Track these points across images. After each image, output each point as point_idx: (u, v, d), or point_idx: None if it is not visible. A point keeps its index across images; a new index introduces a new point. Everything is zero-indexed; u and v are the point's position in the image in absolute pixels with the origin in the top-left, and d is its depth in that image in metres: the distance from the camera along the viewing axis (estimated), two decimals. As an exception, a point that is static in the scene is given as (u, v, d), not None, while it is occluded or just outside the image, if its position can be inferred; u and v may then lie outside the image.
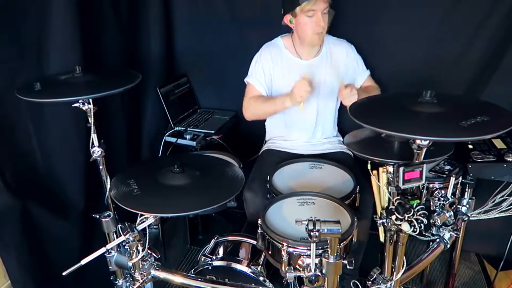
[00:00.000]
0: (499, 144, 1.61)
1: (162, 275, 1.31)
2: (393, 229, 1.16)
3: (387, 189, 1.15)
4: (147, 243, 1.24)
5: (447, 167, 1.58)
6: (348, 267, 1.11)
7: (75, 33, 1.52)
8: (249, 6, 2.10)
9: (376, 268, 1.30)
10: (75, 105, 1.23)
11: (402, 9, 1.89)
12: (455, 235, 1.41)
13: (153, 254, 1.32)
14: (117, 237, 1.21)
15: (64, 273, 1.15)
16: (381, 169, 1.17)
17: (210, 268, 1.46)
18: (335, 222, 1.01)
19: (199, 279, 1.36)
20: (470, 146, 1.61)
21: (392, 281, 1.27)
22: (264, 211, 1.33)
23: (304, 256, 1.14)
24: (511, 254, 1.77)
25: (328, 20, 1.69)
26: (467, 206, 1.57)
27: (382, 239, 1.24)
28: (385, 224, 1.17)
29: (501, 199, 1.49)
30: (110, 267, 1.28)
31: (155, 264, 1.31)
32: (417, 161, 1.07)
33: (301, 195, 1.43)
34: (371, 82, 1.90)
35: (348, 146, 1.41)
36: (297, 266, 1.15)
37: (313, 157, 1.80)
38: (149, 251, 1.29)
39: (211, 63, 2.32)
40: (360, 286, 1.37)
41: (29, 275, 1.44)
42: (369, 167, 1.19)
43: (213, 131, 2.13)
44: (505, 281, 1.93)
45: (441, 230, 1.34)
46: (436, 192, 1.27)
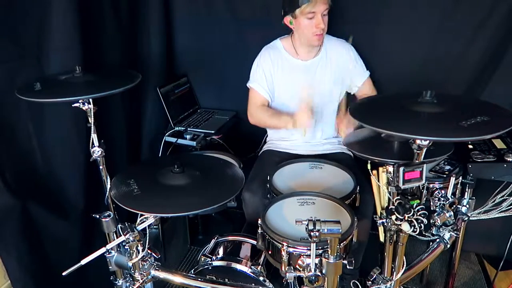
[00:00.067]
0: (499, 144, 1.61)
1: (162, 275, 1.31)
2: (393, 229, 1.16)
3: (387, 189, 1.15)
4: (147, 243, 1.24)
5: (447, 167, 1.58)
6: (348, 267, 1.11)
7: (75, 33, 1.52)
8: (249, 6, 2.10)
9: (376, 268, 1.30)
10: (75, 105, 1.23)
11: (402, 9, 1.89)
12: (455, 235, 1.41)
13: (153, 254, 1.32)
14: (117, 237, 1.21)
15: (64, 273, 1.14)
16: (381, 169, 1.17)
17: (210, 268, 1.46)
18: (335, 222, 1.01)
19: (199, 279, 1.36)
20: (470, 146, 1.61)
21: (392, 281, 1.27)
22: (264, 211, 1.33)
23: (304, 256, 1.14)
24: (511, 254, 1.77)
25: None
26: (467, 206, 1.57)
27: (382, 239, 1.24)
28: (385, 224, 1.17)
29: (501, 199, 1.49)
30: (110, 267, 1.27)
31: (155, 264, 1.31)
32: (417, 161, 1.07)
33: (301, 195, 1.43)
34: (370, 87, 1.89)
35: (348, 146, 1.41)
36: (297, 266, 1.15)
37: (313, 157, 1.80)
38: (149, 251, 1.28)
39: (211, 63, 2.32)
40: (360, 286, 1.37)
41: (29, 275, 1.44)
42: (369, 167, 1.19)
43: (213, 131, 2.13)
44: (505, 281, 1.93)
45: (441, 230, 1.34)
46: (436, 192, 1.27)
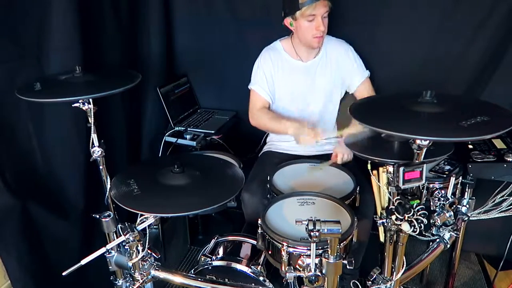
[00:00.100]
0: (499, 144, 1.61)
1: (162, 275, 1.31)
2: (393, 229, 1.16)
3: (387, 189, 1.15)
4: (147, 243, 1.24)
5: (447, 167, 1.58)
6: (348, 267, 1.11)
7: (75, 33, 1.52)
8: (249, 6, 2.10)
9: (376, 268, 1.30)
10: (75, 105, 1.23)
11: (402, 9, 1.88)
12: (455, 235, 1.41)
13: (153, 254, 1.31)
14: (117, 237, 1.21)
15: (64, 273, 1.14)
16: (381, 169, 1.17)
17: (210, 268, 1.46)
18: (335, 222, 1.01)
19: (199, 279, 1.36)
20: (470, 146, 1.61)
21: (392, 281, 1.27)
22: (264, 211, 1.33)
23: (304, 256, 1.14)
24: (511, 254, 1.77)
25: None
26: (467, 206, 1.57)
27: (382, 239, 1.24)
28: (385, 224, 1.17)
29: (501, 199, 1.49)
30: (110, 267, 1.27)
31: (155, 264, 1.31)
32: (417, 161, 1.06)
33: (301, 195, 1.43)
34: (368, 87, 1.88)
35: (348, 146, 1.40)
36: (297, 266, 1.15)
37: (313, 158, 1.80)
38: (149, 251, 1.28)
39: (211, 63, 2.32)
40: (360, 286, 1.37)
41: (29, 275, 1.44)
42: (369, 167, 1.19)
43: (213, 131, 2.13)
44: (505, 281, 1.93)
45: (441, 230, 1.34)
46: (436, 192, 1.27)
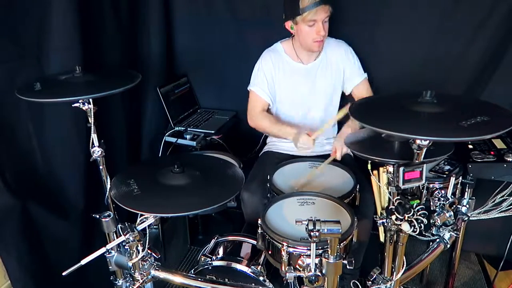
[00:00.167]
0: (499, 144, 1.61)
1: (162, 275, 1.31)
2: (393, 229, 1.16)
3: (387, 189, 1.15)
4: (147, 243, 1.24)
5: (447, 167, 1.58)
6: (348, 267, 1.11)
7: (75, 33, 1.52)
8: (249, 6, 2.10)
9: (376, 268, 1.30)
10: (75, 105, 1.23)
11: (402, 9, 1.88)
12: (455, 235, 1.41)
13: (153, 254, 1.31)
14: (117, 237, 1.21)
15: (64, 273, 1.14)
16: (381, 169, 1.17)
17: (210, 268, 1.46)
18: (335, 222, 1.01)
19: (199, 279, 1.36)
20: (470, 146, 1.61)
21: (392, 281, 1.27)
22: (264, 211, 1.33)
23: (304, 256, 1.14)
24: (511, 254, 1.77)
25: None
26: (467, 206, 1.57)
27: (382, 239, 1.24)
28: (385, 224, 1.17)
29: (501, 199, 1.49)
30: (110, 267, 1.27)
31: (155, 264, 1.31)
32: (417, 161, 1.06)
33: (301, 195, 1.43)
34: (367, 89, 1.89)
35: (348, 146, 1.41)
36: (297, 266, 1.15)
37: (313, 157, 1.80)
38: (149, 251, 1.28)
39: (211, 63, 2.32)
40: (360, 286, 1.37)
41: (29, 275, 1.44)
42: (369, 167, 1.19)
43: (213, 131, 2.13)
44: (505, 281, 1.93)
45: (441, 230, 1.34)
46: (436, 192, 1.27)
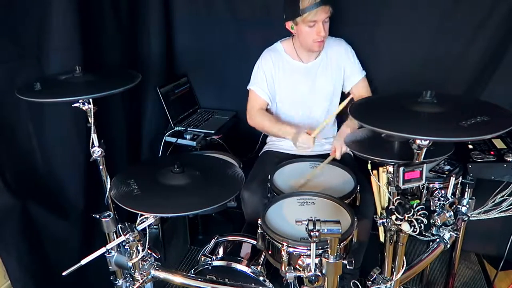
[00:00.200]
0: (499, 144, 1.61)
1: (162, 275, 1.31)
2: (393, 229, 1.16)
3: (387, 189, 1.15)
4: (147, 243, 1.24)
5: (447, 167, 1.58)
6: (348, 267, 1.11)
7: (75, 33, 1.52)
8: (249, 6, 2.10)
9: (376, 268, 1.30)
10: (75, 105, 1.23)
11: (402, 10, 1.89)
12: (455, 235, 1.41)
13: (153, 254, 1.31)
14: (117, 237, 1.21)
15: (64, 273, 1.14)
16: (381, 169, 1.17)
17: (210, 268, 1.46)
18: (335, 222, 1.01)
19: (199, 279, 1.36)
20: (470, 146, 1.61)
21: (392, 281, 1.27)
22: (264, 211, 1.33)
23: (304, 256, 1.14)
24: (511, 254, 1.77)
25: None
26: (467, 206, 1.57)
27: (382, 239, 1.24)
28: (385, 224, 1.17)
29: (501, 199, 1.49)
30: (110, 267, 1.27)
31: (155, 264, 1.31)
32: (417, 161, 1.07)
33: (301, 195, 1.43)
34: (365, 87, 1.89)
35: (348, 146, 1.41)
36: (297, 266, 1.15)
37: (313, 157, 1.80)
38: (149, 251, 1.28)
39: (211, 63, 2.32)
40: (360, 286, 1.37)
41: (29, 275, 1.44)
42: (369, 167, 1.19)
43: (213, 131, 2.13)
44: (505, 281, 1.93)
45: (441, 230, 1.34)
46: (436, 192, 1.27)
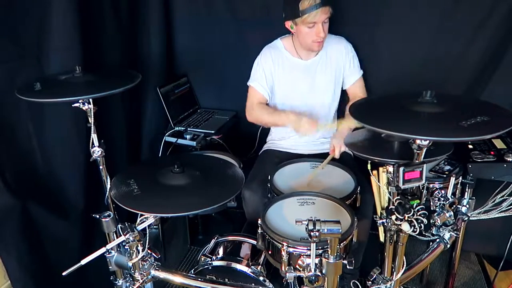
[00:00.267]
0: (499, 144, 1.61)
1: (162, 275, 1.31)
2: (393, 229, 1.16)
3: (387, 189, 1.15)
4: (147, 243, 1.24)
5: (447, 167, 1.58)
6: (348, 267, 1.11)
7: (75, 33, 1.52)
8: (249, 6, 2.10)
9: (376, 268, 1.30)
10: (75, 105, 1.23)
11: (402, 10, 1.88)
12: (455, 235, 1.41)
13: (153, 254, 1.32)
14: (117, 237, 1.21)
15: (64, 273, 1.14)
16: (381, 169, 1.17)
17: (210, 268, 1.46)
18: (335, 222, 1.01)
19: (199, 279, 1.36)
20: (470, 146, 1.61)
21: (392, 281, 1.27)
22: (264, 211, 1.33)
23: (304, 256, 1.14)
24: (511, 254, 1.77)
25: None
26: (467, 206, 1.57)
27: (382, 239, 1.24)
28: (385, 224, 1.17)
29: (501, 199, 1.49)
30: (110, 267, 1.27)
31: (155, 264, 1.31)
32: (417, 161, 1.06)
33: (301, 195, 1.43)
34: (361, 87, 1.90)
35: (348, 146, 1.41)
36: (297, 266, 1.15)
37: (312, 156, 1.81)
38: (149, 251, 1.28)
39: (211, 63, 2.32)
40: (360, 286, 1.37)
41: (29, 275, 1.44)
42: (369, 167, 1.19)
43: (213, 131, 2.13)
44: (505, 281, 1.93)
45: (441, 230, 1.34)
46: (436, 192, 1.27)
